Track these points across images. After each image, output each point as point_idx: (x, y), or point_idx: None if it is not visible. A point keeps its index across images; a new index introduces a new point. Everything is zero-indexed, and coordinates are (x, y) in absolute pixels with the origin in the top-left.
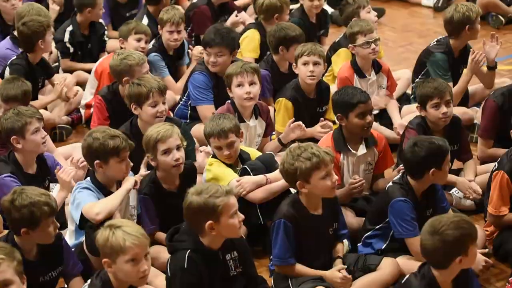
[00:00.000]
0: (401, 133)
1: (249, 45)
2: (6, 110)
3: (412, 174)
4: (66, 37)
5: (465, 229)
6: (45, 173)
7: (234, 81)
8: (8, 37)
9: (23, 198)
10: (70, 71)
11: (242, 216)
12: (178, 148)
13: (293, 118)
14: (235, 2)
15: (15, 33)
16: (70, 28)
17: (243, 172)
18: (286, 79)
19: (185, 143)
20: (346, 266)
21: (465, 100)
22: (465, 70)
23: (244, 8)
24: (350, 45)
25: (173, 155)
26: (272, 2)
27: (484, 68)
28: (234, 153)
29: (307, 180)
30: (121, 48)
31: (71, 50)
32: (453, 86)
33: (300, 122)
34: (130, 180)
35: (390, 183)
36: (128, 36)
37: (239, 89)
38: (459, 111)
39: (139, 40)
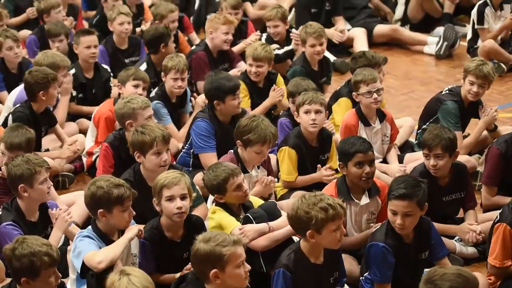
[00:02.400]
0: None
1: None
2: (10, 158)
3: None
4: None
5: (458, 283)
6: (47, 221)
7: (255, 147)
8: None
9: (24, 248)
10: (76, 115)
11: (248, 267)
12: (183, 197)
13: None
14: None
15: None
16: (72, 71)
17: (246, 220)
18: None
19: (194, 194)
20: None
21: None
22: (480, 122)
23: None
24: (353, 93)
25: (176, 203)
26: (261, 54)
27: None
28: (245, 192)
29: (319, 231)
30: (119, 93)
31: (74, 93)
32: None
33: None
34: (133, 230)
35: (378, 226)
36: (126, 81)
37: (257, 155)
38: (461, 159)
39: (136, 86)
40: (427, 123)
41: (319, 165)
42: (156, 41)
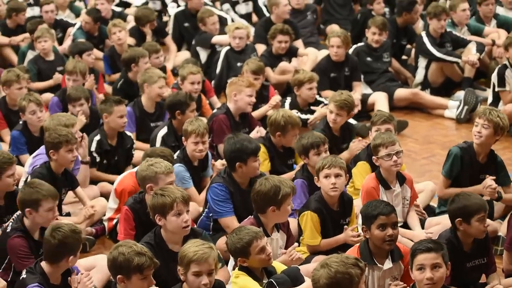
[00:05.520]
0: None
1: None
2: None
3: None
4: (93, 146)
5: None
6: (70, 286)
7: (287, 201)
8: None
9: None
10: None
11: None
12: (209, 273)
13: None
14: (253, 113)
15: None
16: (97, 137)
17: (269, 286)
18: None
19: (219, 265)
20: None
21: (491, 212)
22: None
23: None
24: (373, 157)
25: (203, 279)
26: (277, 119)
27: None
28: (269, 256)
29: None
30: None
31: (98, 159)
32: None
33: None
34: None
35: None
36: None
37: (289, 208)
38: None
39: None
40: None
41: (346, 226)
42: (173, 107)
